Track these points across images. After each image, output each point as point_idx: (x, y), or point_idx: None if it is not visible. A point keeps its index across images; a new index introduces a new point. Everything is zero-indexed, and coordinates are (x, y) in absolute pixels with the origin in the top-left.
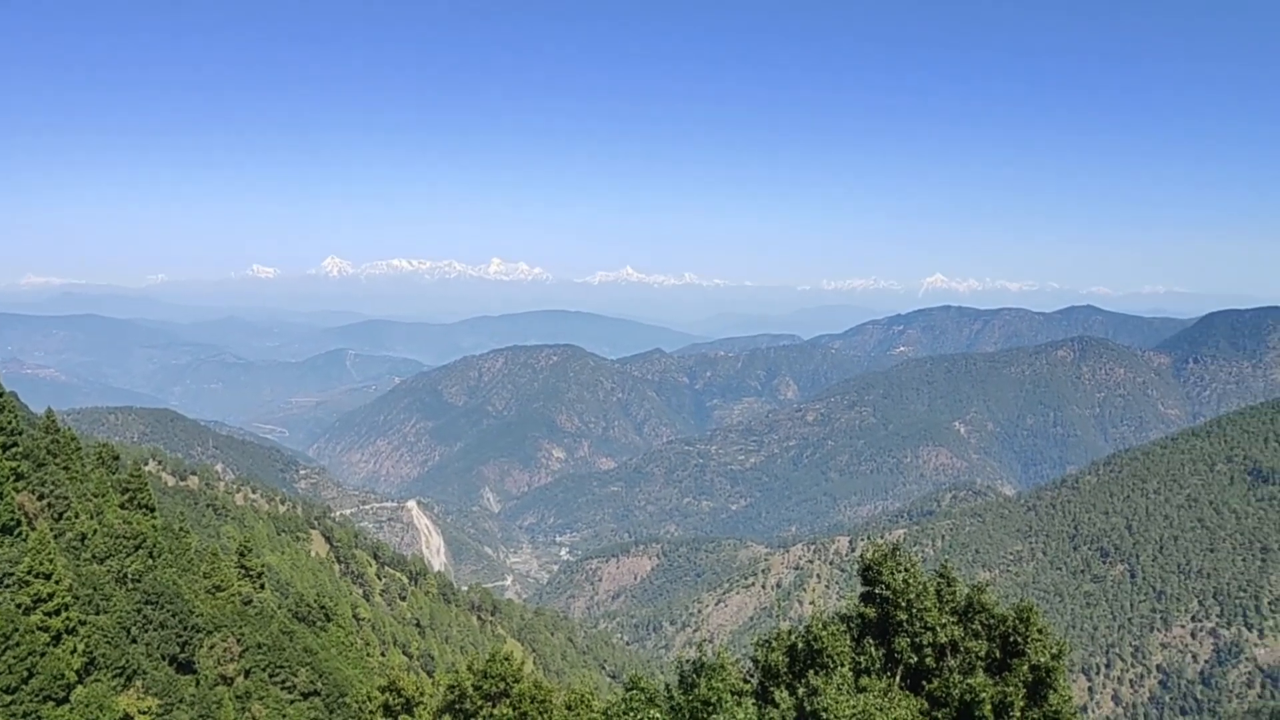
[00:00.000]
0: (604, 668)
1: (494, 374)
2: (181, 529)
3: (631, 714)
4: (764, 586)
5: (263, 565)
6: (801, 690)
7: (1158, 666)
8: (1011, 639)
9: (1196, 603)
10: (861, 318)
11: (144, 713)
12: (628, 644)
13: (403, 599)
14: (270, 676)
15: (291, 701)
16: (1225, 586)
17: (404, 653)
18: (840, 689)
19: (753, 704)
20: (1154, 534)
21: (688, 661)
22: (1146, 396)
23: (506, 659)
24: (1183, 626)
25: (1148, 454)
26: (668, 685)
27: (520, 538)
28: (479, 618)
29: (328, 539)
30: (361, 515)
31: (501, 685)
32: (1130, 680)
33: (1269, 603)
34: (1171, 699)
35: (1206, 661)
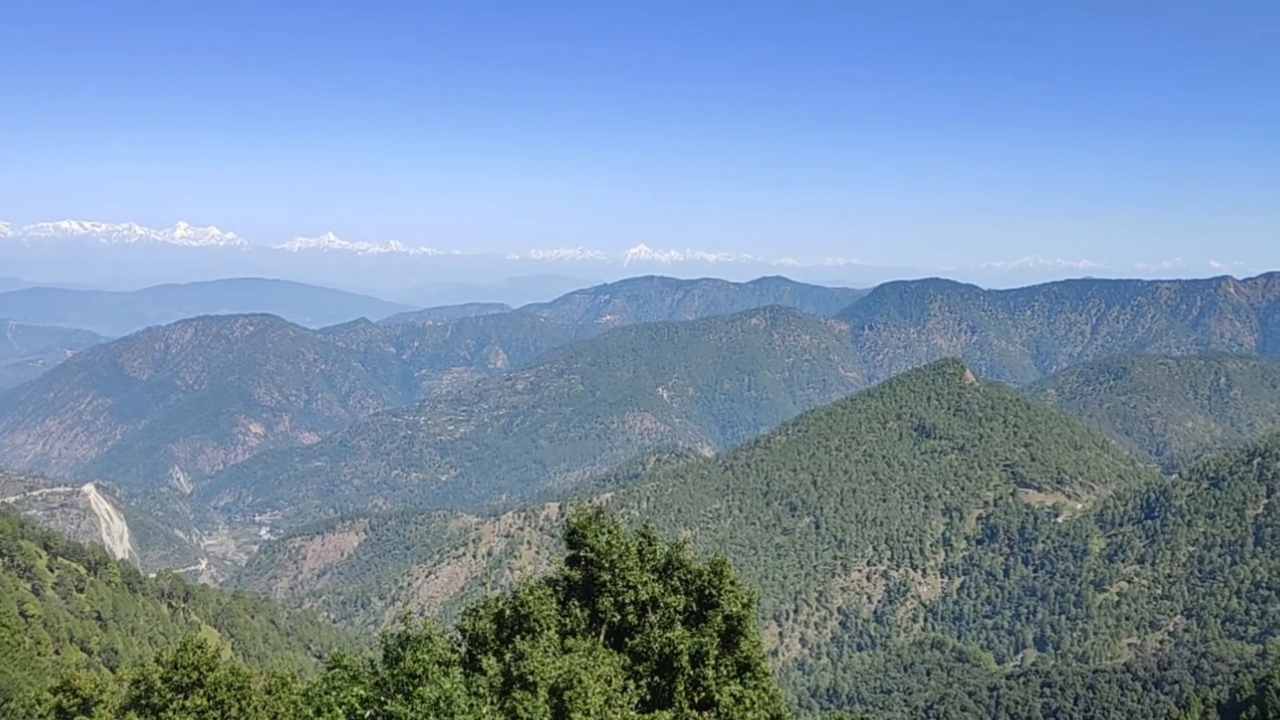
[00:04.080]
0: (309, 648)
1: (183, 345)
2: None
3: (334, 693)
4: (475, 556)
5: None
6: (509, 656)
7: (838, 609)
8: (707, 592)
9: (871, 548)
10: (569, 287)
11: None
12: (335, 622)
13: (80, 591)
14: None
15: None
16: (895, 532)
17: (83, 649)
18: (546, 651)
19: (460, 673)
20: (836, 487)
21: (392, 635)
22: (829, 361)
23: (199, 647)
24: (860, 571)
25: (830, 414)
26: (371, 661)
27: (216, 519)
28: (170, 606)
29: None
30: (29, 503)
31: (194, 675)
32: (815, 623)
33: (930, 545)
34: (850, 637)
35: (879, 601)
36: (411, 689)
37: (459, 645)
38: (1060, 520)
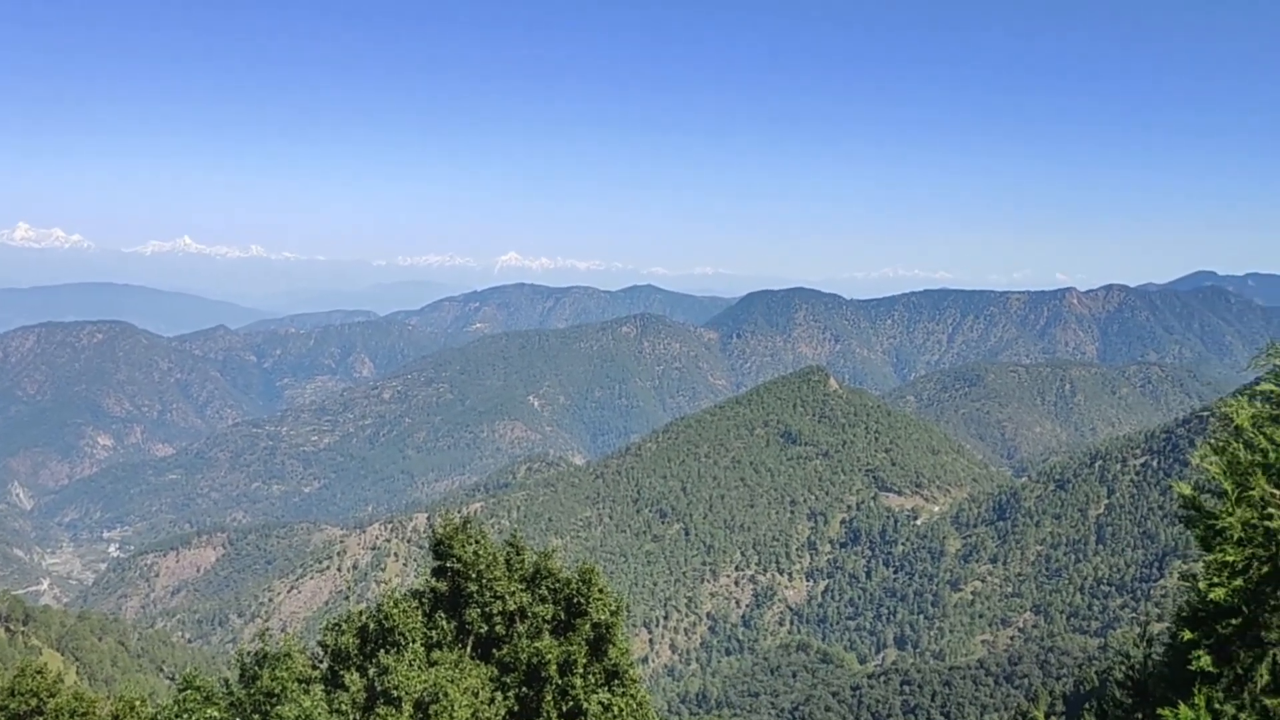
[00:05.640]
0: (162, 670)
1: (23, 354)
2: None
3: (185, 715)
4: (340, 569)
5: None
6: (372, 670)
7: (708, 614)
8: (575, 600)
9: (740, 554)
10: (438, 294)
11: None
12: (190, 642)
13: None
14: None
15: None
16: (762, 537)
17: None
18: (411, 665)
19: (321, 690)
20: (705, 494)
21: (249, 653)
22: (699, 369)
23: (39, 672)
24: (728, 576)
25: (699, 421)
26: (226, 680)
27: (60, 536)
28: (7, 629)
29: None
30: None
31: (32, 702)
32: (685, 629)
33: (796, 549)
34: (719, 642)
35: (747, 605)
36: (269, 708)
37: (320, 661)
38: (919, 523)
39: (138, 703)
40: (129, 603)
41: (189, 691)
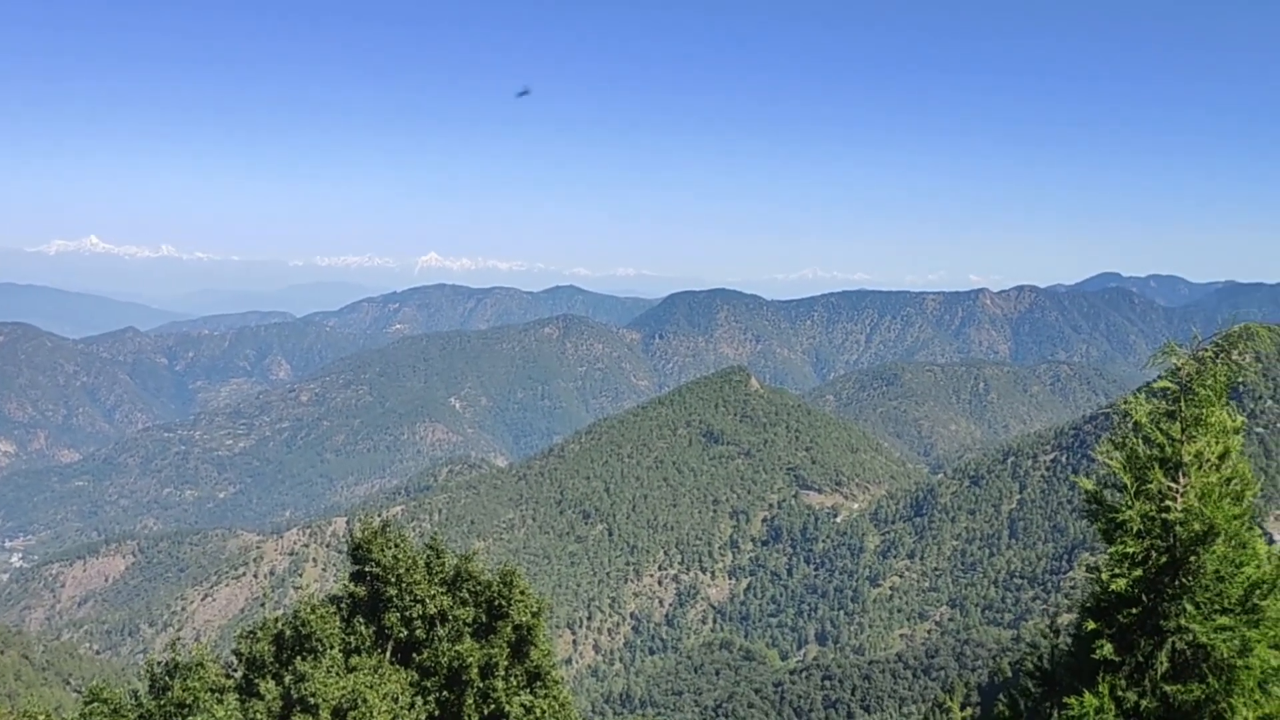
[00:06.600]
0: (69, 683)
1: None
2: None
3: None
4: (256, 576)
5: None
6: (288, 678)
7: (631, 614)
8: (496, 603)
9: (663, 553)
10: (357, 295)
11: None
12: (98, 654)
13: None
14: None
15: None
16: (686, 536)
17: None
18: (329, 671)
19: (235, 699)
20: (628, 494)
21: (160, 663)
22: (621, 370)
23: None
24: (651, 575)
25: (622, 422)
26: (135, 692)
27: None
28: None
29: None
30: None
31: None
32: (609, 629)
33: (719, 547)
34: (642, 641)
35: (670, 604)
36: (181, 719)
37: (235, 670)
38: (839, 520)
39: (42, 717)
40: (33, 614)
41: (96, 704)
